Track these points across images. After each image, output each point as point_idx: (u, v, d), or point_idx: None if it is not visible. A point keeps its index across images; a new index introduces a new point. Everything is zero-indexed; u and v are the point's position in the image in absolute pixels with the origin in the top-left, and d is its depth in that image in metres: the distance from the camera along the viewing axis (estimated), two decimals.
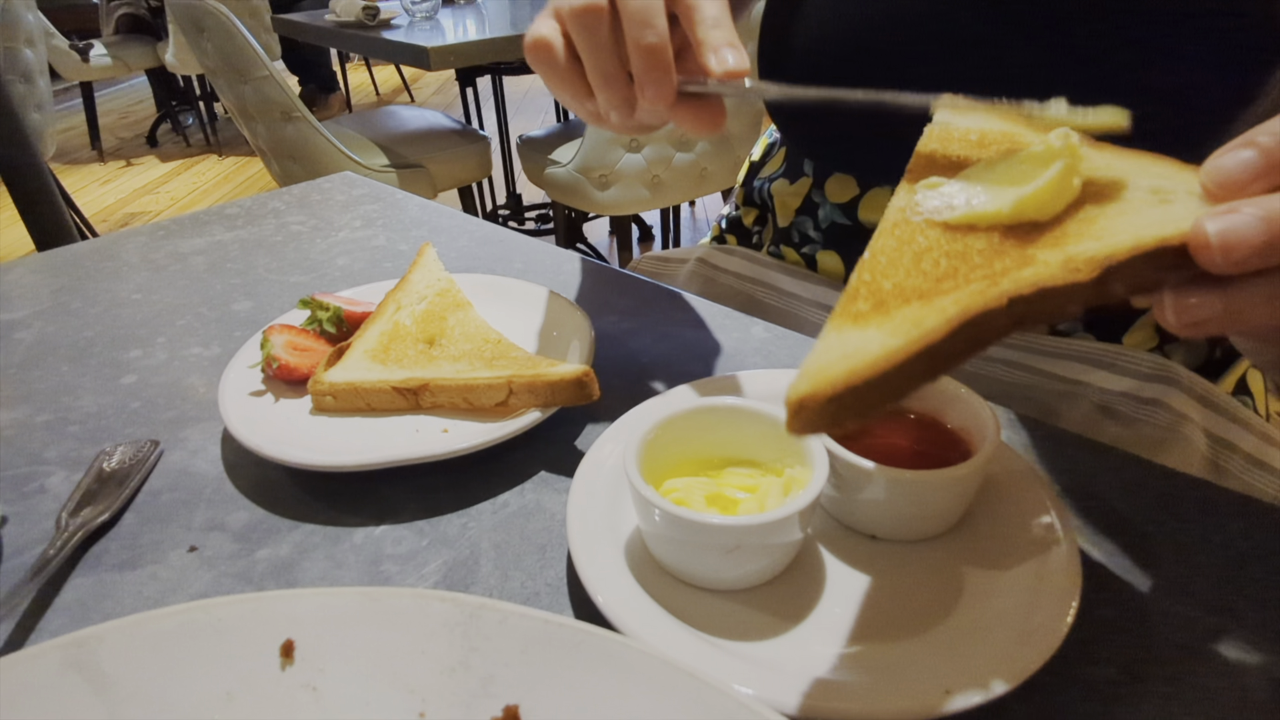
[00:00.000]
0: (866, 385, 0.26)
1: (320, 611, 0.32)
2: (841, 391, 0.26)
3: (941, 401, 0.43)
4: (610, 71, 0.43)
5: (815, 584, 0.38)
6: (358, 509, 0.46)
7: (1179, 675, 0.34)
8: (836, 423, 0.27)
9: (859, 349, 0.27)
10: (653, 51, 0.41)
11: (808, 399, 0.26)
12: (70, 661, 0.30)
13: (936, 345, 0.27)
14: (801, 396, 0.27)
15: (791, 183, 0.77)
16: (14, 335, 0.66)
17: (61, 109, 5.31)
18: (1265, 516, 0.42)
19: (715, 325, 0.63)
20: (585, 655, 0.31)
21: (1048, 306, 0.28)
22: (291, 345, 0.54)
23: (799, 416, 0.27)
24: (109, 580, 0.41)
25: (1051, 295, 0.28)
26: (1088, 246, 0.29)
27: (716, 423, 0.42)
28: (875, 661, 0.34)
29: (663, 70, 0.41)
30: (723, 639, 0.35)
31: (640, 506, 0.37)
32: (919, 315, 0.28)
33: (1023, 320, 0.28)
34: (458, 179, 2.34)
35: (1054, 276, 0.28)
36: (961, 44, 0.61)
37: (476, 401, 0.50)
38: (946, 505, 0.39)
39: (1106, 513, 0.43)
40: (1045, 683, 0.33)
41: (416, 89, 6.07)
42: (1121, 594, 0.38)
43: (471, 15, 2.39)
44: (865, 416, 0.27)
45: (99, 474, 0.48)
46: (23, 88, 2.62)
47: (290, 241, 0.82)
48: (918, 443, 0.43)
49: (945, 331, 0.27)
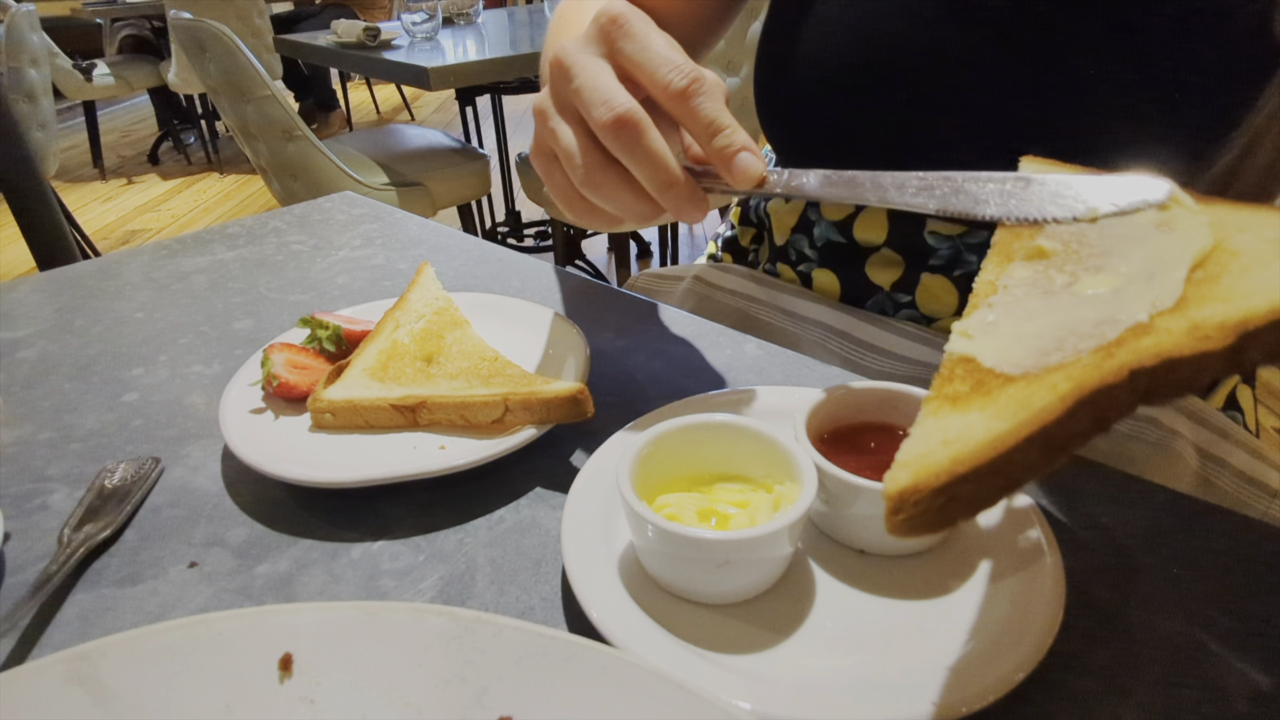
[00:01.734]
0: (975, 474, 0.23)
1: (318, 625, 0.33)
2: (947, 482, 0.23)
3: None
4: (670, 177, 0.40)
5: (805, 598, 0.39)
6: (356, 525, 0.46)
7: (1161, 687, 0.34)
8: (944, 519, 0.24)
9: (962, 434, 0.25)
10: (679, 193, 0.40)
11: (909, 493, 0.24)
12: (73, 675, 0.31)
13: (1051, 427, 0.24)
14: (902, 490, 0.24)
15: (786, 201, 0.78)
16: (17, 354, 0.67)
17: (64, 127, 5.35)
18: (1248, 532, 0.43)
19: (709, 343, 0.64)
20: (578, 668, 0.31)
21: (1175, 379, 0.25)
22: (291, 363, 0.55)
23: (901, 513, 0.24)
24: (110, 596, 0.42)
25: (1179, 366, 0.24)
26: (1215, 310, 0.25)
27: (709, 439, 0.43)
28: (863, 675, 0.34)
29: (695, 202, 0.40)
30: (714, 652, 0.36)
31: (633, 521, 0.38)
32: (1026, 394, 0.25)
33: (1149, 395, 0.25)
34: (457, 197, 2.36)
35: (1180, 345, 0.24)
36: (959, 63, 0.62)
37: (473, 419, 0.51)
38: None
39: (1091, 527, 0.44)
40: (1029, 694, 0.33)
41: (417, 107, 6.12)
42: (1106, 607, 0.38)
43: (471, 36, 2.42)
44: (976, 511, 0.24)
45: (101, 491, 0.49)
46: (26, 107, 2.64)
47: (291, 260, 0.83)
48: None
49: (1060, 411, 0.24)
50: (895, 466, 0.25)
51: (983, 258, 0.69)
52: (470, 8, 2.65)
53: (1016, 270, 0.31)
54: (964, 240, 0.67)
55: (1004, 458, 0.24)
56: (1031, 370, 0.26)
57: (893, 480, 0.24)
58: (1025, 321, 0.29)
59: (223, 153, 4.95)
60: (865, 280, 0.73)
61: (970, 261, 0.67)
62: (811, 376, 0.59)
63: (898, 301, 0.72)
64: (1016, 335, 0.28)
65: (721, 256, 0.91)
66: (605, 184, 0.41)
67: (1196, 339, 0.24)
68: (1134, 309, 0.26)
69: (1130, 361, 0.25)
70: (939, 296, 0.69)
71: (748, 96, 2.16)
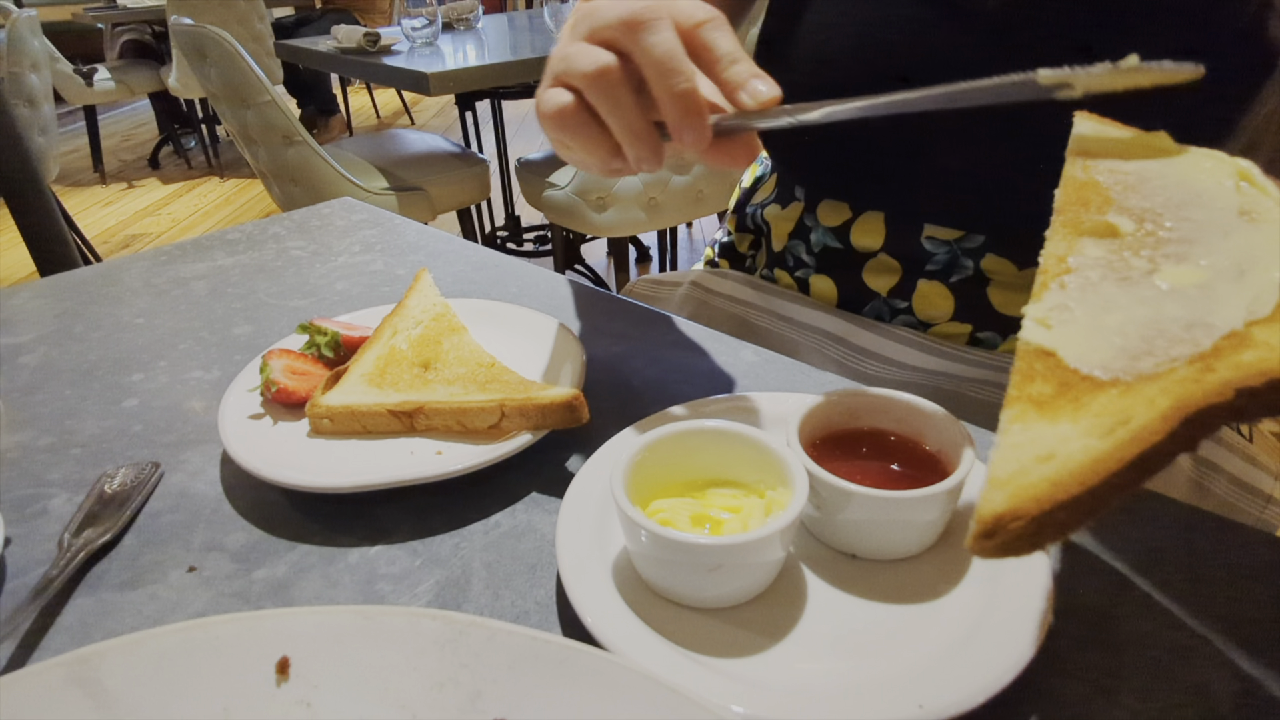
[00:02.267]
0: (1075, 502, 0.22)
1: (315, 630, 0.34)
2: (1049, 510, 0.22)
3: (920, 423, 0.45)
4: (639, 127, 0.43)
5: (797, 602, 0.39)
6: (353, 529, 0.47)
7: (1146, 691, 0.35)
8: (1035, 544, 0.23)
9: (1057, 450, 0.23)
10: (686, 96, 0.41)
11: (1007, 518, 0.22)
12: (73, 678, 0.32)
13: (1153, 448, 0.22)
14: (1000, 515, 0.22)
15: (784, 208, 0.79)
16: (18, 360, 0.67)
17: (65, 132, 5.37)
18: (1235, 537, 0.43)
19: (705, 349, 0.65)
20: (570, 671, 0.32)
21: (1273, 398, 0.23)
22: (290, 369, 0.55)
23: (993, 539, 0.22)
24: (110, 600, 0.43)
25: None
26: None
27: (702, 445, 0.43)
28: (852, 678, 0.35)
29: (698, 114, 0.41)
30: (706, 656, 0.36)
31: (626, 527, 0.39)
32: (1123, 407, 0.24)
33: (1244, 414, 0.23)
34: (457, 201, 2.36)
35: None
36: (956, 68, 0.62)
37: (470, 424, 0.51)
38: (923, 525, 0.41)
39: (1079, 532, 0.44)
40: (1016, 696, 0.34)
41: (417, 112, 6.13)
42: (1093, 611, 0.39)
43: (471, 41, 2.43)
44: (1063, 537, 0.23)
45: (100, 496, 0.49)
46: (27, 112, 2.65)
47: (290, 266, 0.84)
48: (897, 464, 0.44)
49: (1164, 432, 0.22)
50: (989, 485, 0.23)
51: (979, 261, 0.69)
52: (470, 13, 2.66)
53: (1087, 248, 0.29)
54: (960, 245, 0.67)
55: (1105, 483, 0.22)
56: (1122, 376, 0.25)
57: (988, 502, 0.23)
58: (1105, 313, 0.28)
59: (223, 157, 4.96)
60: (862, 286, 0.73)
61: (966, 267, 0.67)
62: (807, 383, 0.59)
63: (894, 307, 0.72)
64: (1098, 329, 0.27)
65: (719, 262, 0.92)
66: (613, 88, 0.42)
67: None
68: (1227, 314, 0.25)
69: (1234, 380, 0.23)
70: (935, 302, 0.70)
71: None
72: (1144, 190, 0.32)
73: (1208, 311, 0.25)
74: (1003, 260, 0.66)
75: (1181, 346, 0.25)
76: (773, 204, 0.80)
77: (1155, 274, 0.27)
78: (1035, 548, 0.23)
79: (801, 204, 0.77)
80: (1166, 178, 0.32)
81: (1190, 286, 0.26)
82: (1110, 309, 0.27)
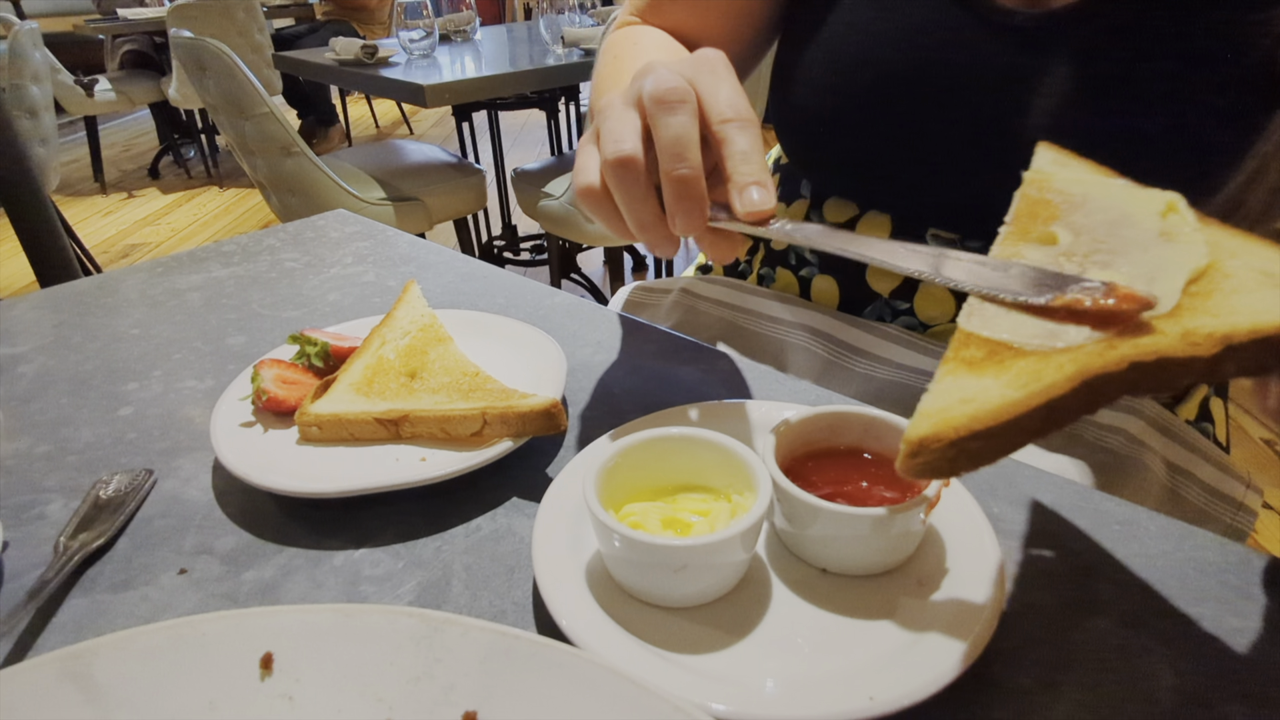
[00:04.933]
0: (987, 433, 0.27)
1: (297, 627, 0.35)
2: (964, 436, 0.27)
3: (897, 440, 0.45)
4: (647, 220, 0.43)
5: (762, 606, 0.41)
6: (339, 533, 0.48)
7: (1092, 684, 0.36)
8: (953, 468, 0.28)
9: (978, 395, 0.28)
10: (685, 183, 0.41)
11: (929, 440, 0.27)
12: (66, 673, 0.33)
13: (1056, 401, 0.27)
14: (922, 437, 0.27)
15: (788, 205, 0.80)
16: (17, 369, 0.69)
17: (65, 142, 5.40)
18: (1185, 539, 0.45)
19: (685, 357, 0.67)
20: (539, 665, 0.33)
21: (1163, 376, 0.28)
22: (280, 379, 0.57)
23: (917, 458, 0.28)
24: (103, 601, 0.44)
25: (1169, 366, 0.28)
26: (1205, 322, 0.29)
27: (674, 451, 0.45)
28: (808, 674, 0.36)
29: (694, 201, 0.42)
30: (672, 652, 0.38)
31: (597, 529, 0.40)
32: (1037, 369, 0.29)
33: (1136, 386, 0.28)
34: (454, 211, 2.39)
35: (1173, 348, 0.28)
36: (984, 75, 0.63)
37: (453, 432, 0.53)
38: (890, 542, 0.41)
39: (1039, 534, 0.46)
40: (966, 689, 0.35)
41: (415, 121, 6.17)
42: (1046, 609, 0.41)
43: (469, 52, 2.46)
44: (979, 465, 0.28)
45: (96, 501, 0.51)
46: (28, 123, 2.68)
47: (284, 278, 0.86)
48: (874, 482, 0.45)
49: (1066, 389, 0.27)
50: (917, 416, 0.28)
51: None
52: (467, 25, 2.68)
53: (1027, 252, 0.34)
54: (965, 245, 0.69)
55: (1013, 423, 0.27)
56: (1040, 348, 0.30)
57: (914, 428, 0.27)
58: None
59: (222, 167, 4.99)
60: (864, 287, 0.74)
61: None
62: (781, 390, 0.61)
63: (895, 309, 0.73)
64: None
65: (712, 266, 0.94)
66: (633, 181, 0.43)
67: (1188, 344, 0.28)
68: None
69: (1131, 355, 0.28)
70: (936, 304, 0.71)
71: None
72: (1085, 209, 0.36)
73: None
74: None
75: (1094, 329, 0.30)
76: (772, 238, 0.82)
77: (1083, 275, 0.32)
78: (954, 471, 0.28)
79: (807, 201, 0.78)
80: (1106, 202, 0.36)
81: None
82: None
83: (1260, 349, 0.28)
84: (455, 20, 2.66)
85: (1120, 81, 0.59)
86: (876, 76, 0.67)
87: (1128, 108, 0.58)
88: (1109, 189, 0.36)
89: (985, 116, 0.63)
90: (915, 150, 0.68)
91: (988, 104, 0.63)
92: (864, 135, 0.70)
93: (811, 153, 0.77)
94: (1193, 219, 0.33)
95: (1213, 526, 0.66)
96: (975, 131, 0.64)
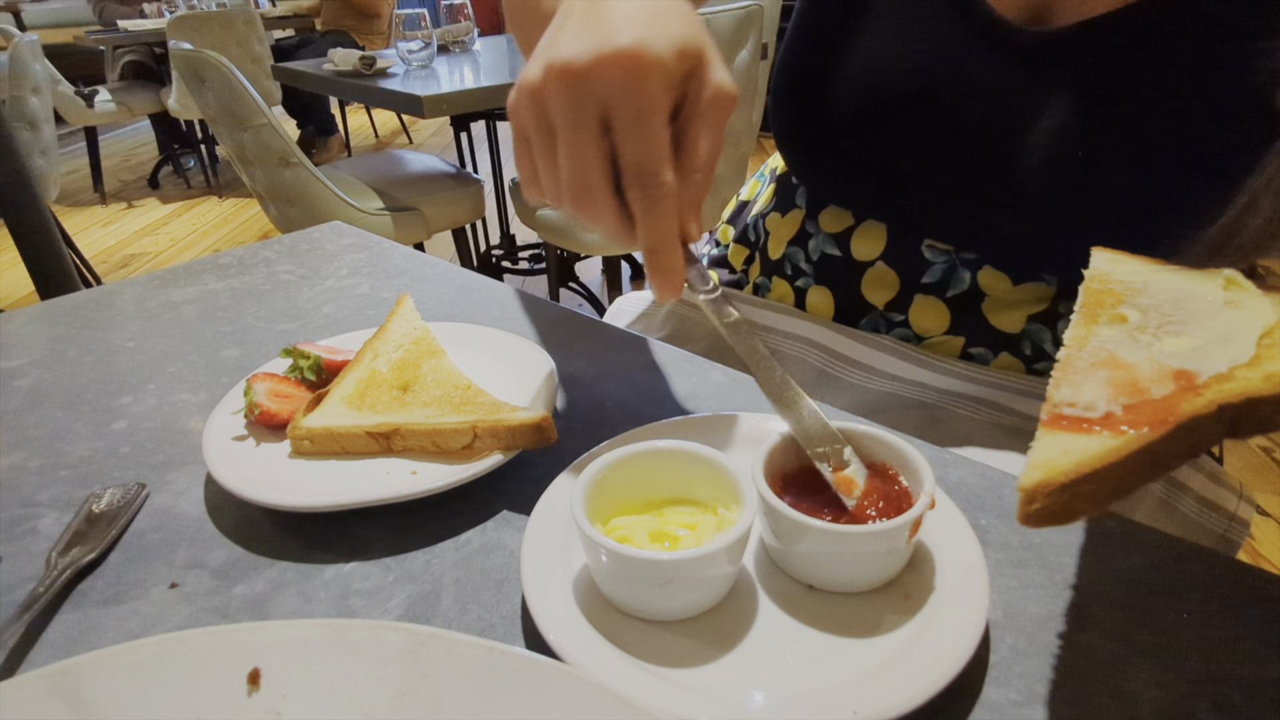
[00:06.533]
0: (1095, 476, 0.29)
1: (285, 642, 0.35)
2: (1073, 480, 0.29)
3: (890, 458, 0.45)
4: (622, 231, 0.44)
5: (748, 621, 0.41)
6: (329, 547, 0.49)
7: (1076, 698, 0.37)
8: (1069, 513, 0.30)
9: (1081, 446, 0.30)
10: (666, 272, 0.44)
11: (1041, 487, 0.29)
12: (53, 689, 0.33)
13: (1154, 445, 0.30)
14: (1035, 485, 0.29)
15: (784, 215, 0.81)
16: (12, 383, 0.70)
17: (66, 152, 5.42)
18: (1169, 551, 0.45)
19: (677, 370, 0.67)
20: (524, 680, 0.33)
21: (1255, 416, 0.30)
22: (273, 393, 0.57)
23: (1032, 505, 0.29)
24: (94, 616, 0.44)
25: (1258, 404, 0.30)
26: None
27: (661, 464, 0.45)
28: (793, 687, 0.37)
29: (672, 274, 0.44)
30: (658, 666, 0.38)
31: (584, 543, 0.40)
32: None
33: (1234, 428, 0.30)
34: (452, 221, 2.39)
35: (1258, 388, 0.30)
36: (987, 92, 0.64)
37: (444, 445, 0.53)
38: (876, 560, 0.41)
39: (1026, 546, 0.46)
40: (951, 702, 0.36)
41: (415, 131, 6.19)
42: (1031, 621, 0.41)
43: (467, 63, 2.47)
44: (1094, 509, 0.30)
45: (88, 515, 0.51)
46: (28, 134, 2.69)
47: (279, 290, 0.86)
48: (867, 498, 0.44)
49: (1162, 432, 0.30)
50: (1028, 467, 0.30)
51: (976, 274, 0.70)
52: (465, 36, 2.70)
53: (1102, 331, 0.36)
54: (959, 256, 0.69)
55: (1118, 465, 0.29)
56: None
57: (1026, 477, 0.29)
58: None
59: (222, 177, 5.01)
60: (860, 298, 0.74)
61: (963, 280, 0.69)
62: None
63: (891, 320, 0.74)
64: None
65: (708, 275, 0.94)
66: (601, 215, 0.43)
67: (1271, 384, 0.30)
68: (1215, 363, 0.32)
69: (1218, 399, 0.30)
70: (931, 316, 0.71)
71: (734, 124, 2.20)
72: (1149, 292, 0.38)
73: (1199, 363, 0.33)
74: (999, 274, 0.68)
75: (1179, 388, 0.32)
76: (772, 212, 0.82)
77: (1158, 344, 0.34)
78: (1071, 515, 0.30)
79: (803, 210, 0.79)
80: (1168, 284, 0.38)
81: (1186, 350, 0.34)
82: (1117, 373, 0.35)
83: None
84: (454, 31, 2.68)
85: (1119, 103, 0.59)
86: (880, 90, 0.68)
87: (1127, 130, 0.59)
88: (1168, 274, 0.38)
89: (987, 133, 0.64)
90: (916, 164, 0.69)
91: (990, 121, 0.64)
92: (865, 147, 0.71)
93: (811, 163, 0.77)
94: (1253, 287, 0.36)
95: (1205, 538, 0.67)
96: (977, 147, 0.65)
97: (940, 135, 0.66)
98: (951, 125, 0.65)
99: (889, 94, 0.68)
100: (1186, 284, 0.37)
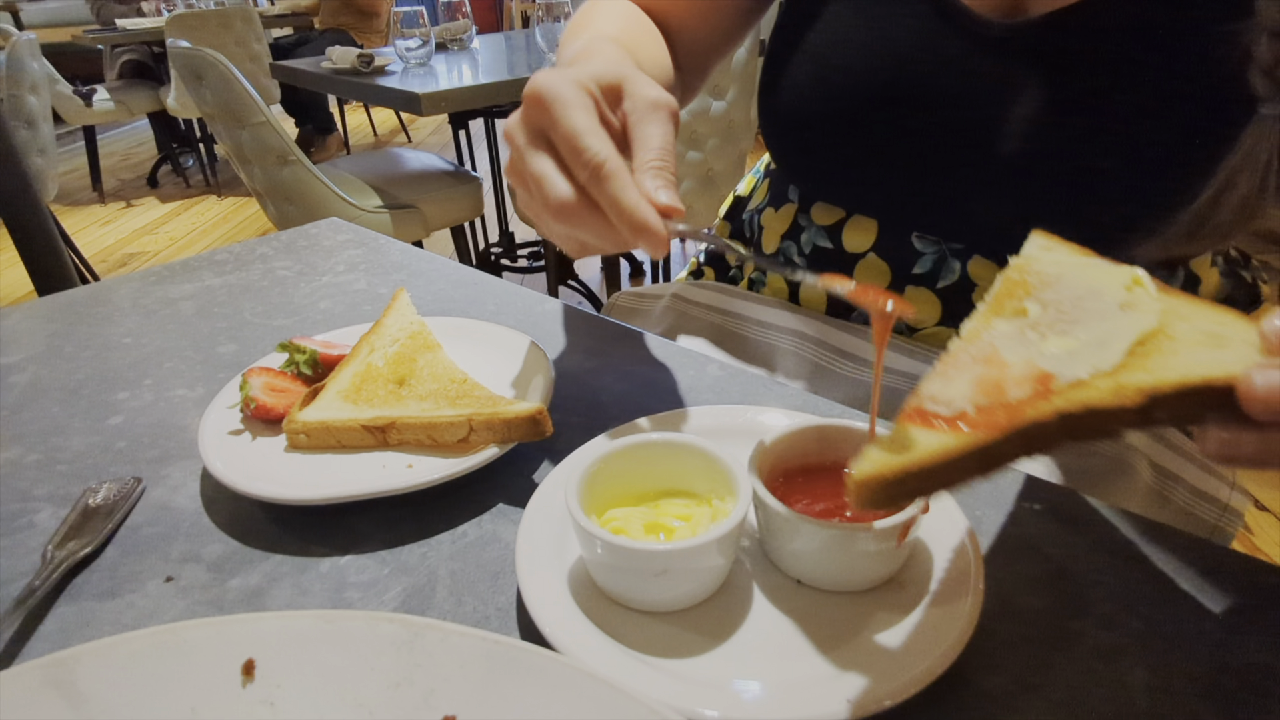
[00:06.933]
0: (921, 473, 0.31)
1: (279, 633, 0.36)
2: (899, 477, 0.31)
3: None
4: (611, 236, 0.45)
5: (740, 613, 0.41)
6: (325, 540, 0.49)
7: (1068, 685, 0.37)
8: (892, 501, 0.32)
9: (918, 441, 0.32)
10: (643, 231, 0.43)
11: (870, 479, 0.31)
12: (49, 680, 0.33)
13: (987, 446, 0.31)
14: (865, 478, 0.31)
15: (777, 210, 0.81)
16: (9, 379, 0.70)
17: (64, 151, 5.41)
18: (1162, 541, 0.45)
19: (674, 364, 0.67)
20: (517, 670, 0.34)
21: (1094, 424, 0.31)
22: (269, 387, 0.57)
23: (860, 494, 0.31)
24: (90, 609, 0.44)
25: (1098, 415, 0.31)
26: (1138, 377, 0.31)
27: (657, 456, 0.45)
28: (785, 677, 0.37)
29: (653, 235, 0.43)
30: (652, 656, 0.38)
31: (579, 534, 0.41)
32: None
33: (1074, 433, 0.31)
34: (450, 219, 2.39)
35: (1103, 399, 0.31)
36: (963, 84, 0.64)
37: (440, 438, 0.53)
38: (866, 559, 0.41)
39: (1020, 536, 0.46)
40: (944, 691, 0.36)
41: (414, 129, 6.18)
42: (1025, 611, 0.41)
43: (466, 61, 2.47)
44: (918, 497, 0.33)
45: (84, 510, 0.51)
46: (26, 133, 2.68)
47: (276, 286, 0.86)
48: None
49: (996, 435, 0.31)
50: (862, 459, 0.31)
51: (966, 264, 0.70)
52: (463, 34, 2.69)
53: (998, 325, 0.37)
54: (949, 246, 0.70)
55: (948, 464, 0.31)
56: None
57: (858, 469, 0.31)
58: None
59: (220, 175, 5.00)
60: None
61: (954, 270, 0.70)
62: (768, 396, 0.62)
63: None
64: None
65: (705, 271, 0.94)
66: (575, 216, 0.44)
67: (1116, 396, 0.31)
68: (1080, 369, 0.33)
69: (1061, 406, 0.31)
70: (922, 307, 0.72)
71: (734, 120, 2.20)
72: (1057, 286, 0.38)
73: (1066, 367, 0.33)
74: (988, 264, 0.68)
75: (1030, 384, 0.33)
76: (766, 208, 0.83)
77: (1042, 343, 0.35)
78: (894, 503, 0.33)
79: (795, 204, 0.79)
80: (1077, 279, 0.38)
81: (1062, 352, 0.34)
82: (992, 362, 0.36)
83: (1186, 400, 0.30)
84: (452, 29, 2.67)
85: (1094, 91, 0.59)
86: (859, 86, 0.69)
87: (1102, 117, 0.59)
88: (1085, 268, 0.38)
89: (964, 124, 0.64)
90: (897, 157, 0.69)
91: (967, 112, 0.64)
92: (847, 142, 0.71)
93: (797, 158, 0.78)
94: (1153, 290, 0.35)
95: (1198, 528, 0.67)
96: (955, 139, 0.65)
97: (918, 127, 0.67)
98: (930, 118, 0.66)
99: (864, 89, 0.68)
100: (1094, 281, 0.37)
